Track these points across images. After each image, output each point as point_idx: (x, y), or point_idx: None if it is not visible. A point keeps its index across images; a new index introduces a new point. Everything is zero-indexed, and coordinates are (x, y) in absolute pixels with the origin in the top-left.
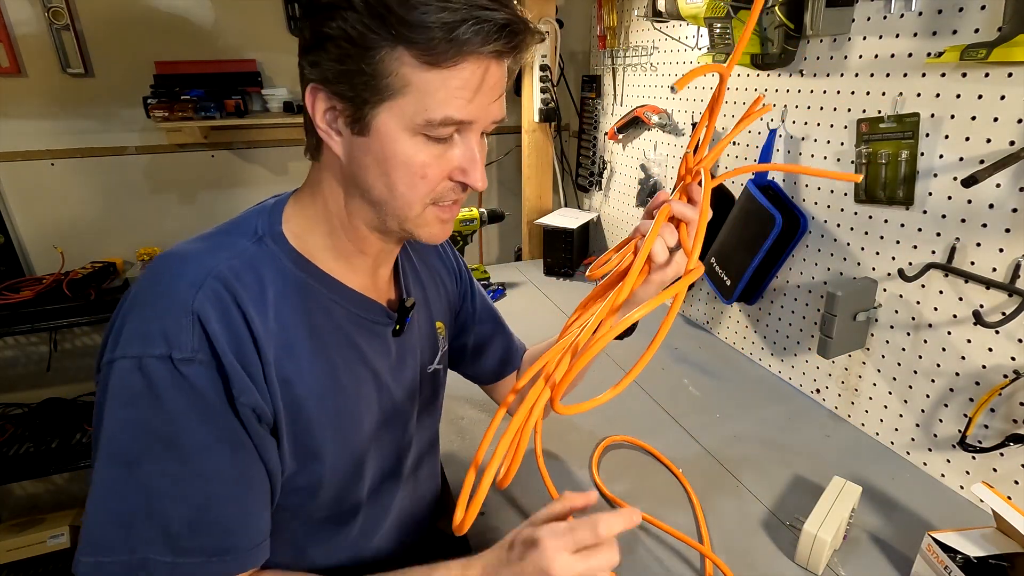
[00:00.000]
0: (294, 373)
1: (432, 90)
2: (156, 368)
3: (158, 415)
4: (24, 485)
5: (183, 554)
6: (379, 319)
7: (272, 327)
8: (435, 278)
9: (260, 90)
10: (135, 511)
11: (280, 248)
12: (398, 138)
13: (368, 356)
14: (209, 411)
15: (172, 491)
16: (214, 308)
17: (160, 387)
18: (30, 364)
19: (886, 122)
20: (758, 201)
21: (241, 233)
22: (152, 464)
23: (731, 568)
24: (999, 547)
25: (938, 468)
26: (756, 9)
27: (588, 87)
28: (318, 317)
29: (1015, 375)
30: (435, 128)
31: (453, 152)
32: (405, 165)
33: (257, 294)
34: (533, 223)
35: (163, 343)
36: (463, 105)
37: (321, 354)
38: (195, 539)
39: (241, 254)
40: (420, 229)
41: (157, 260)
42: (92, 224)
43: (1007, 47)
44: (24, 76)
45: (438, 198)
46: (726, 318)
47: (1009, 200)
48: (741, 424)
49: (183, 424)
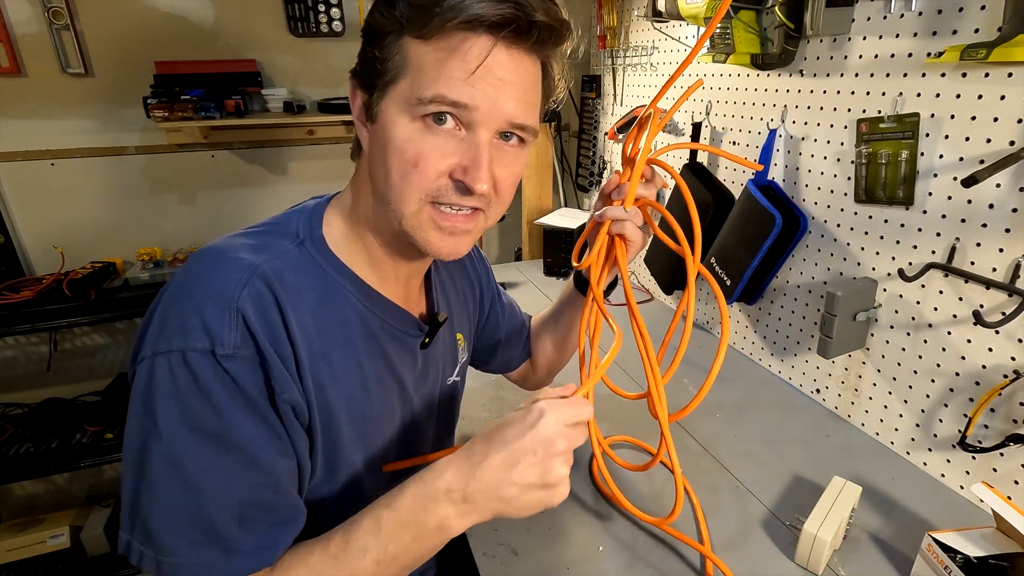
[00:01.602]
0: (327, 377)
1: (428, 67)
2: (200, 362)
3: (206, 411)
4: (24, 485)
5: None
6: (411, 331)
7: (309, 330)
8: (459, 290)
9: (260, 90)
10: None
11: (320, 253)
12: (396, 122)
13: (396, 365)
14: (253, 405)
15: (222, 488)
16: (256, 306)
17: (206, 382)
18: (30, 364)
19: (886, 122)
20: (758, 201)
21: (282, 234)
22: (203, 462)
23: (731, 568)
24: (999, 547)
25: (938, 468)
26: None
27: (588, 87)
28: (353, 324)
29: (1015, 375)
30: (426, 106)
31: (455, 146)
32: (399, 151)
33: (296, 297)
34: (533, 223)
35: (206, 337)
36: (457, 84)
37: (353, 360)
38: (246, 535)
39: (283, 255)
40: (418, 233)
41: (199, 254)
42: (92, 224)
43: (1007, 47)
44: (24, 76)
45: (436, 196)
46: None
47: (1009, 200)
48: (741, 424)
49: (230, 420)
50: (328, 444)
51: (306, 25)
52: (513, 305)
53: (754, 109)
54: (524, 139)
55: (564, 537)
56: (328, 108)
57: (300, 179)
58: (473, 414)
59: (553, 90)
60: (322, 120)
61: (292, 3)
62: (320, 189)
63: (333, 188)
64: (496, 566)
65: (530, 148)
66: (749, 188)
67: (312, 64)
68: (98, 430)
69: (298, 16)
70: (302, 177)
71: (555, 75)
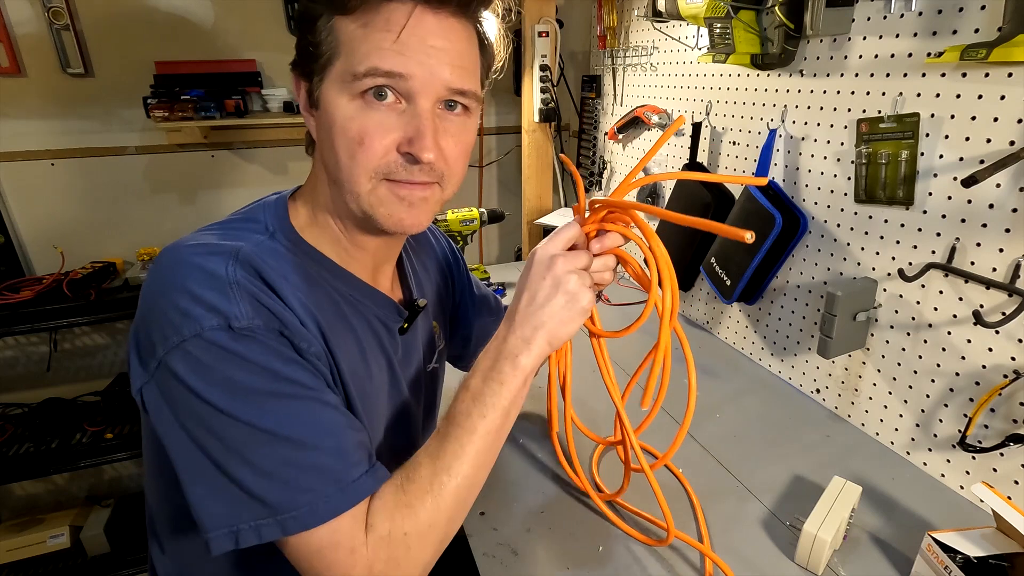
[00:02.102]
0: (334, 344)
1: (357, 42)
2: (221, 336)
3: (249, 371)
4: (24, 485)
5: (323, 493)
6: (390, 316)
7: (305, 304)
8: (432, 278)
9: (260, 90)
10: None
11: (292, 242)
12: (337, 103)
13: (386, 345)
14: (288, 357)
15: (299, 435)
16: (251, 280)
17: (235, 347)
18: (30, 364)
19: (886, 122)
20: (758, 201)
21: (251, 228)
22: (273, 417)
23: (731, 568)
24: (999, 547)
25: (938, 468)
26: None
27: (588, 87)
28: (341, 305)
29: (1015, 375)
30: (361, 80)
31: (398, 119)
32: (343, 131)
33: (282, 276)
34: (533, 223)
35: (215, 316)
36: (389, 55)
37: (351, 335)
38: (347, 457)
39: (259, 244)
40: (377, 209)
41: (168, 251)
42: (92, 224)
43: (1007, 47)
44: (24, 76)
45: (387, 173)
46: (726, 318)
47: (1009, 200)
48: (741, 424)
49: (275, 369)
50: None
51: None
52: (488, 299)
53: (754, 109)
54: (468, 107)
55: (564, 537)
56: None
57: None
58: None
59: (492, 56)
60: None
61: (292, 3)
62: None
63: None
64: (496, 566)
65: (477, 116)
66: (749, 188)
67: None
68: (98, 430)
69: None
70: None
71: (490, 39)
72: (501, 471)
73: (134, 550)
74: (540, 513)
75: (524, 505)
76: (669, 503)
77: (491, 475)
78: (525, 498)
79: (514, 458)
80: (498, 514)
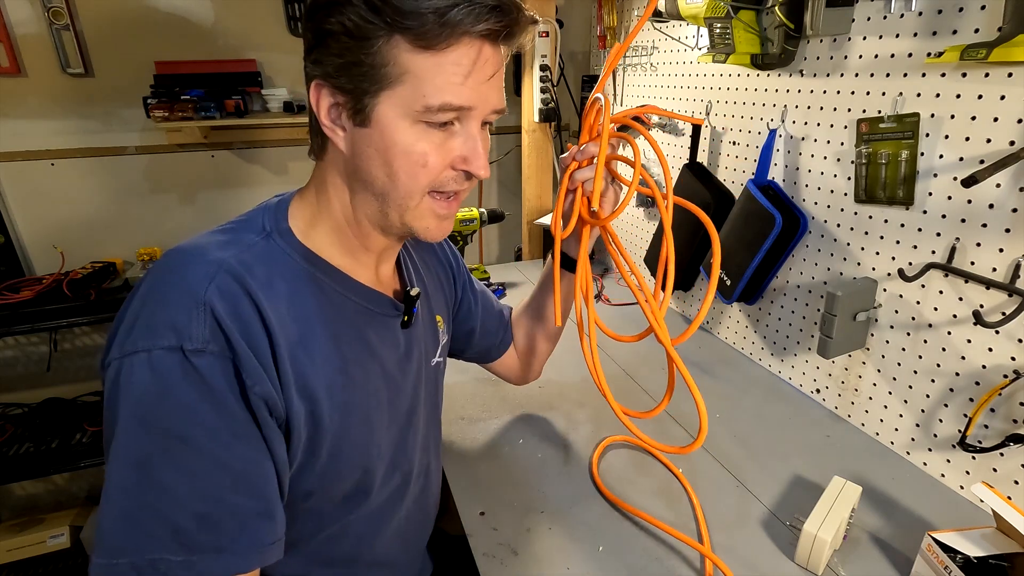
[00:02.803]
0: (307, 364)
1: (429, 76)
2: (165, 361)
3: (169, 410)
4: (24, 485)
5: (196, 551)
6: (387, 311)
7: (284, 319)
8: (432, 273)
9: (260, 90)
10: (146, 510)
11: (288, 243)
12: (398, 127)
13: (377, 350)
14: (221, 402)
15: (184, 486)
16: (226, 300)
17: (170, 381)
18: (30, 364)
19: (886, 122)
20: (758, 201)
21: (248, 230)
22: (164, 460)
23: (731, 568)
24: (999, 547)
25: (938, 468)
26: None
27: (588, 87)
28: (329, 311)
29: (1015, 375)
30: (434, 114)
31: (455, 140)
32: (406, 154)
33: (268, 287)
34: (533, 223)
35: (172, 335)
36: (459, 89)
37: (332, 347)
38: (208, 533)
39: (250, 248)
40: (417, 223)
41: (165, 256)
42: (92, 224)
43: (1007, 47)
44: (24, 76)
45: (439, 186)
46: (726, 318)
47: (1009, 200)
48: (741, 424)
49: (195, 417)
50: (312, 433)
51: None
52: (487, 294)
53: (754, 109)
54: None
55: (564, 537)
56: None
57: (300, 179)
58: (473, 413)
59: None
60: None
61: (292, 3)
62: None
63: None
64: (496, 566)
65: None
66: (749, 188)
67: None
68: (98, 430)
69: (298, 16)
70: (302, 177)
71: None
72: (501, 471)
73: None
74: (540, 513)
75: (524, 505)
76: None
77: (491, 475)
78: (525, 498)
79: (514, 458)
80: (498, 514)
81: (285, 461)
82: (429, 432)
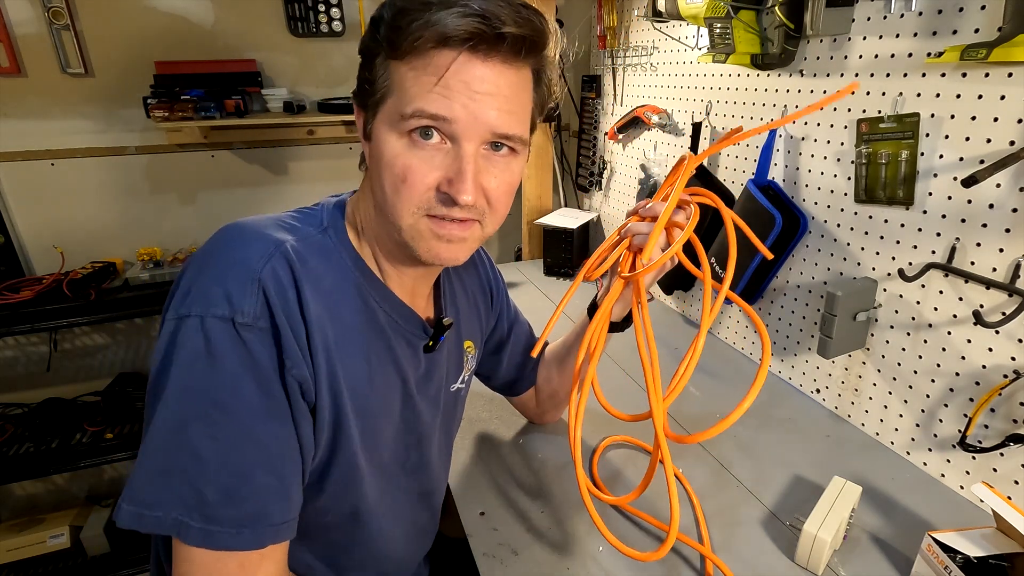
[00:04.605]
0: (338, 361)
1: (407, 84)
2: (217, 329)
3: (214, 377)
4: (24, 485)
5: (215, 522)
6: (416, 332)
7: (323, 316)
8: (469, 296)
9: (260, 90)
10: (178, 472)
11: (342, 243)
12: (386, 140)
13: (402, 366)
14: (263, 378)
15: (217, 456)
16: (277, 282)
17: (219, 349)
18: (30, 364)
19: (886, 122)
20: (758, 201)
21: (309, 222)
22: (202, 426)
23: (731, 568)
24: (999, 547)
25: (938, 468)
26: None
27: (588, 87)
28: (365, 317)
29: (1015, 375)
30: (408, 121)
31: (441, 159)
32: (389, 167)
33: (315, 280)
34: (533, 223)
35: (227, 305)
36: (436, 98)
37: (360, 351)
38: (230, 508)
39: (308, 238)
40: (416, 243)
41: (229, 228)
42: (92, 224)
43: (1007, 47)
44: (24, 76)
45: (427, 209)
46: (726, 318)
47: (1009, 200)
48: (741, 424)
49: (238, 389)
50: (335, 427)
51: (306, 25)
52: (522, 326)
53: (754, 109)
54: (515, 148)
55: (564, 537)
56: (328, 108)
57: (300, 179)
58: (481, 415)
59: (549, 95)
60: (322, 120)
61: (292, 3)
62: (320, 189)
63: (333, 188)
64: (496, 566)
65: (524, 156)
66: (749, 188)
67: (312, 64)
68: (98, 430)
69: (298, 16)
70: (302, 177)
71: (548, 80)
72: (501, 471)
73: (134, 550)
74: (540, 513)
75: (524, 505)
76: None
77: (491, 475)
78: (525, 498)
79: (514, 458)
80: (498, 514)
81: (310, 447)
82: (438, 457)
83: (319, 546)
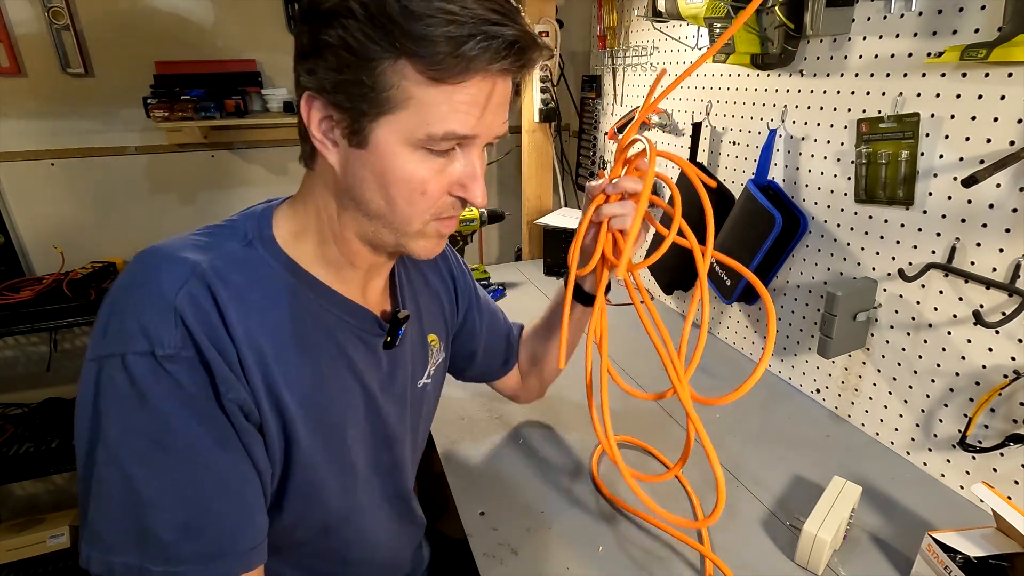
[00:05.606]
0: (279, 375)
1: (435, 104)
2: (139, 365)
3: (146, 416)
4: (24, 485)
5: (176, 561)
6: (371, 329)
7: (255, 332)
8: (431, 290)
9: (260, 90)
10: (130, 518)
11: (269, 252)
12: (398, 152)
13: (358, 368)
14: (197, 407)
15: (163, 495)
16: (195, 305)
17: (145, 385)
18: (30, 364)
19: (886, 122)
20: (758, 201)
21: (228, 236)
22: (144, 470)
23: (731, 568)
24: (999, 547)
25: (938, 468)
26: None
27: (588, 87)
28: (307, 323)
29: (1015, 375)
30: (436, 143)
31: (453, 166)
32: (405, 180)
33: (240, 296)
34: (533, 223)
35: (144, 339)
36: (467, 120)
37: (308, 361)
38: (189, 542)
39: (227, 255)
40: (416, 243)
41: (139, 256)
42: (92, 224)
43: (1007, 47)
44: (24, 76)
45: (439, 213)
46: (726, 318)
47: (1009, 200)
48: (741, 424)
49: (172, 423)
50: (285, 443)
51: None
52: (495, 314)
53: (754, 109)
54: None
55: (564, 537)
56: None
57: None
58: (475, 413)
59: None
60: None
61: (292, 3)
62: None
63: None
64: (496, 566)
65: None
66: (749, 188)
67: None
68: None
69: (296, 19)
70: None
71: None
72: (501, 470)
73: None
74: (540, 513)
75: (524, 505)
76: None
77: (491, 475)
78: (525, 498)
79: (514, 458)
80: (498, 514)
81: (266, 465)
82: (411, 455)
83: (295, 561)
